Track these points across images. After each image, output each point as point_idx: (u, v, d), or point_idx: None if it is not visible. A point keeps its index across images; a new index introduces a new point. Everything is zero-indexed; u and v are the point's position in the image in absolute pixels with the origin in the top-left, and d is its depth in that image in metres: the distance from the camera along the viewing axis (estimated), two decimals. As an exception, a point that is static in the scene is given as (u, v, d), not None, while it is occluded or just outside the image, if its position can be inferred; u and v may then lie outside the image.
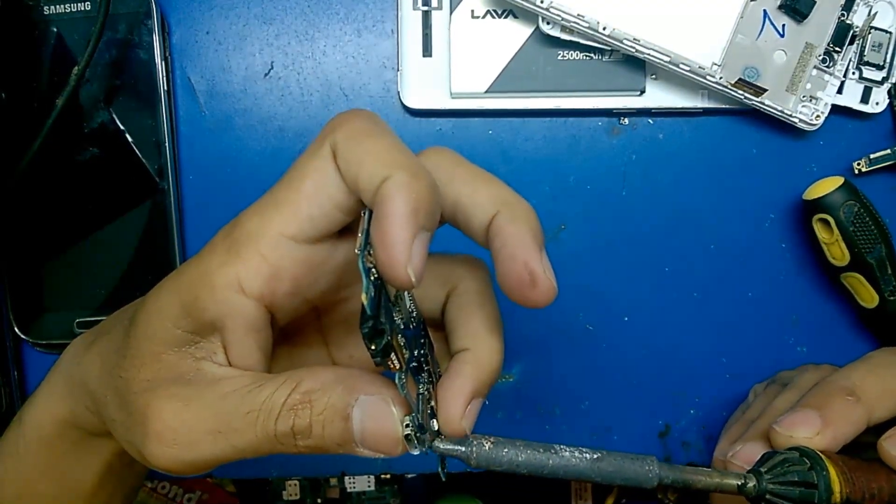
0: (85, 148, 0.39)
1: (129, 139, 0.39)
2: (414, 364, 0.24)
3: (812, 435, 0.29)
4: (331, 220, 0.24)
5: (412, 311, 0.25)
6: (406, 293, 0.24)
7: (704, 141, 0.41)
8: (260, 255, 0.24)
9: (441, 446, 0.24)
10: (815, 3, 0.37)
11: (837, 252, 0.39)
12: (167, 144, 0.39)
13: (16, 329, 0.40)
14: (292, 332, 0.29)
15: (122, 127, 0.39)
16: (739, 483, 0.26)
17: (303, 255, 0.24)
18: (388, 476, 0.70)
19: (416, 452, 0.24)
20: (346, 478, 0.70)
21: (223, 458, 0.24)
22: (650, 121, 0.41)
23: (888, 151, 0.40)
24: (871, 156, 0.40)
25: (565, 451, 0.25)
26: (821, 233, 0.39)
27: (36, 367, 0.41)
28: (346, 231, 0.25)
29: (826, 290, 0.42)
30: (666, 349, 0.42)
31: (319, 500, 0.71)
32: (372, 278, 0.21)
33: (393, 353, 0.22)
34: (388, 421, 0.23)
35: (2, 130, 0.39)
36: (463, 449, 0.24)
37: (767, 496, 0.26)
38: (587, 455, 0.25)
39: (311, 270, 0.25)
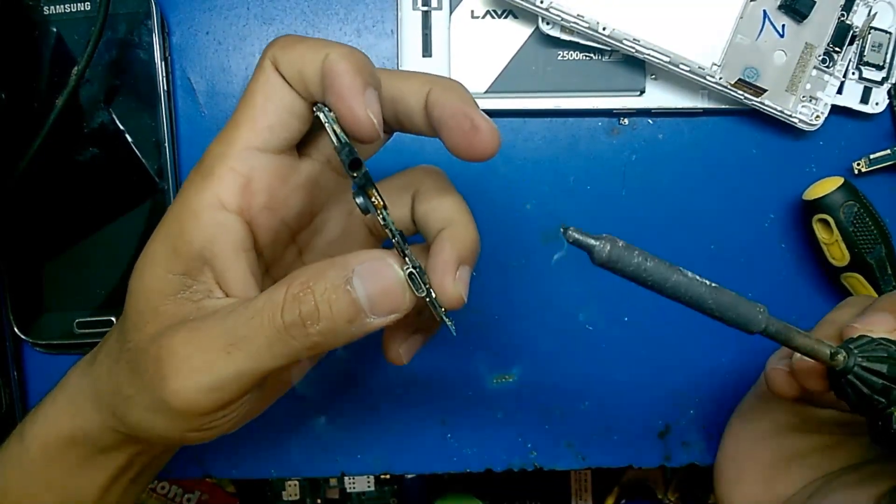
0: (85, 148, 0.39)
1: (129, 139, 0.39)
2: (398, 238, 0.25)
3: (890, 331, 0.28)
4: (288, 127, 0.26)
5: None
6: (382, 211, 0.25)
7: (704, 141, 0.41)
8: (231, 169, 0.25)
9: (575, 235, 0.24)
10: (815, 3, 0.37)
11: (837, 252, 0.39)
12: (167, 144, 0.39)
13: (16, 329, 0.40)
14: (279, 274, 0.30)
15: (121, 127, 0.39)
16: (832, 351, 0.27)
17: (270, 164, 0.26)
18: (388, 476, 0.70)
19: (422, 294, 0.25)
20: (346, 478, 0.70)
21: (244, 375, 0.24)
22: (650, 121, 0.41)
23: (888, 151, 0.40)
24: (871, 156, 0.40)
25: (689, 273, 0.25)
26: (821, 233, 0.39)
27: (36, 367, 0.41)
28: (303, 155, 0.27)
29: (826, 290, 0.42)
30: (666, 349, 0.42)
31: (319, 501, 0.71)
32: (337, 133, 0.23)
33: (374, 189, 0.24)
34: (388, 273, 0.24)
35: (2, 130, 0.39)
36: (596, 243, 0.24)
37: (856, 368, 0.27)
38: (708, 282, 0.25)
39: (280, 181, 0.26)
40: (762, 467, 0.36)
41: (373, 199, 0.24)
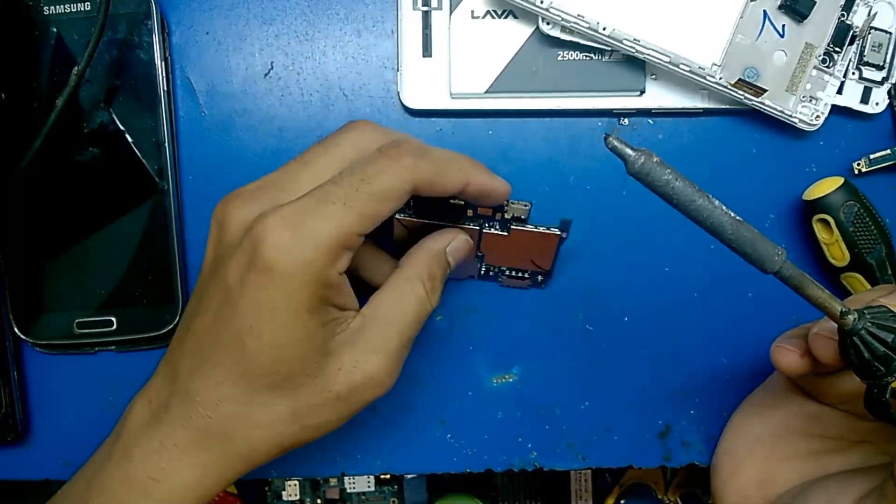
0: (85, 148, 0.39)
1: (129, 139, 0.39)
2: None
3: None
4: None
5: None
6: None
7: (704, 141, 0.41)
8: (347, 249, 0.30)
9: (615, 142, 0.25)
10: (815, 3, 0.37)
11: (837, 252, 0.39)
12: (167, 145, 0.39)
13: (15, 329, 0.40)
14: None
15: (121, 127, 0.39)
16: (843, 310, 0.27)
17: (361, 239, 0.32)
18: (388, 476, 0.70)
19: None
20: (346, 478, 0.70)
21: (408, 347, 0.33)
22: (650, 121, 0.41)
23: (888, 152, 0.40)
24: (871, 156, 0.40)
25: (716, 201, 0.26)
26: (821, 233, 0.39)
27: (36, 367, 0.41)
28: None
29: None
30: (666, 349, 0.42)
31: (319, 501, 0.71)
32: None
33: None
34: (464, 246, 0.35)
35: (2, 130, 0.39)
36: (632, 153, 0.25)
37: (862, 332, 0.27)
38: (732, 214, 0.26)
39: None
40: (760, 465, 0.36)
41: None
